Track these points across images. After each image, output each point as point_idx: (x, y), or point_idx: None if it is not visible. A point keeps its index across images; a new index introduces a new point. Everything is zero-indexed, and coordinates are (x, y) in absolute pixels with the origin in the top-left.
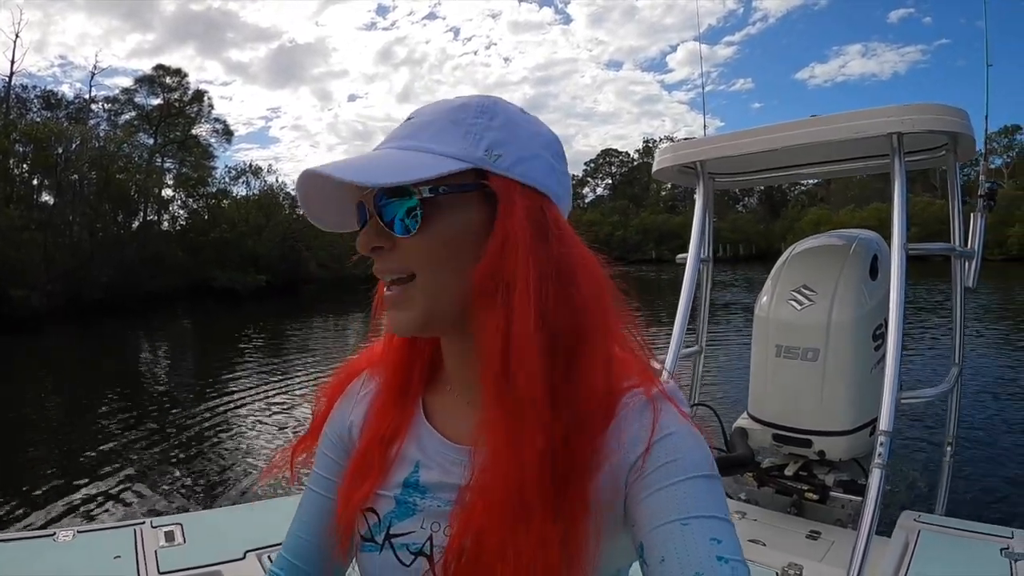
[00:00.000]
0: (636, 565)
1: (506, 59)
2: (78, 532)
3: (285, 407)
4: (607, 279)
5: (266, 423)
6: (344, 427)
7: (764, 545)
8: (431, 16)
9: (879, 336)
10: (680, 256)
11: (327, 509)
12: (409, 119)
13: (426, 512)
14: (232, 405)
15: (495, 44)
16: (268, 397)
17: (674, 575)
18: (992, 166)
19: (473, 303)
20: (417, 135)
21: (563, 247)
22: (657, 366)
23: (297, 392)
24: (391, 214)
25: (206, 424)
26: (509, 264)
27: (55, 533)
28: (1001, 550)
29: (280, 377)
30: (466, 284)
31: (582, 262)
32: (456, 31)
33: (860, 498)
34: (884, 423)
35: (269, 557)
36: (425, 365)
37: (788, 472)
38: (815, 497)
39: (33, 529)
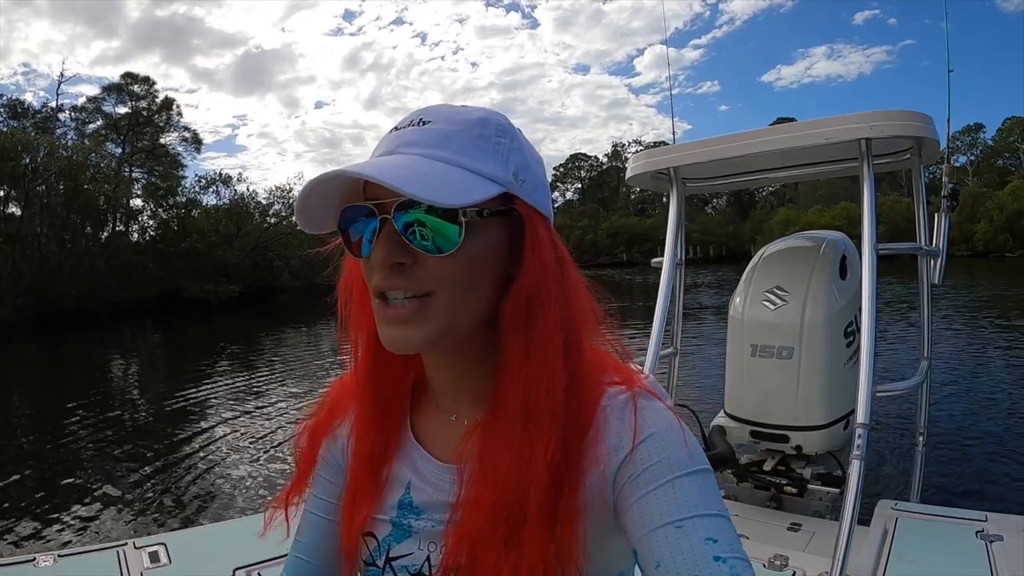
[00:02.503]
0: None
1: (473, 64)
2: (59, 556)
3: (262, 417)
4: (588, 288)
5: (245, 434)
6: (339, 448)
7: (747, 539)
8: (398, 21)
9: (850, 333)
10: (655, 260)
11: (328, 531)
12: (424, 123)
13: (422, 533)
14: (209, 418)
15: (462, 49)
16: (244, 408)
17: None
18: (957, 164)
19: (504, 323)
20: (443, 145)
21: (568, 267)
22: (636, 367)
23: (273, 403)
24: (427, 231)
25: (185, 439)
26: (542, 287)
27: (35, 558)
28: (976, 533)
29: (255, 388)
30: (482, 305)
31: (577, 278)
32: (423, 36)
33: (837, 490)
34: (861, 416)
35: (259, 574)
36: (409, 385)
37: (766, 467)
38: (794, 490)
39: (11, 555)
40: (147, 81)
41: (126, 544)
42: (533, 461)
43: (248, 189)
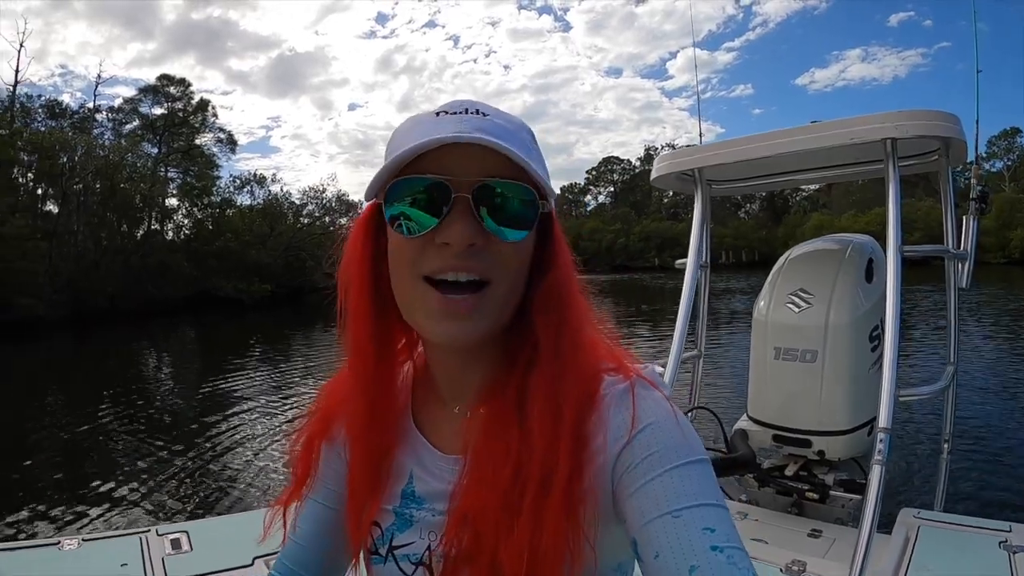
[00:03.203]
0: None
1: (506, 67)
2: (83, 540)
3: (289, 413)
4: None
5: (271, 429)
6: (338, 445)
7: (766, 543)
8: (431, 24)
9: (875, 337)
10: (679, 261)
11: (328, 518)
12: (482, 114)
13: (423, 523)
14: (236, 412)
15: (495, 52)
16: (272, 403)
17: (670, 570)
18: (993, 170)
19: (535, 311)
20: (509, 140)
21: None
22: (660, 369)
23: (300, 399)
24: (506, 214)
25: (211, 432)
26: (571, 280)
27: (60, 542)
28: (1000, 543)
29: (284, 384)
30: (520, 296)
31: (575, 271)
32: (456, 39)
33: (860, 496)
34: (883, 420)
35: None
36: (408, 379)
37: (788, 472)
38: (815, 496)
39: (37, 538)
40: (183, 83)
41: (149, 530)
42: (555, 440)
43: (282, 190)
